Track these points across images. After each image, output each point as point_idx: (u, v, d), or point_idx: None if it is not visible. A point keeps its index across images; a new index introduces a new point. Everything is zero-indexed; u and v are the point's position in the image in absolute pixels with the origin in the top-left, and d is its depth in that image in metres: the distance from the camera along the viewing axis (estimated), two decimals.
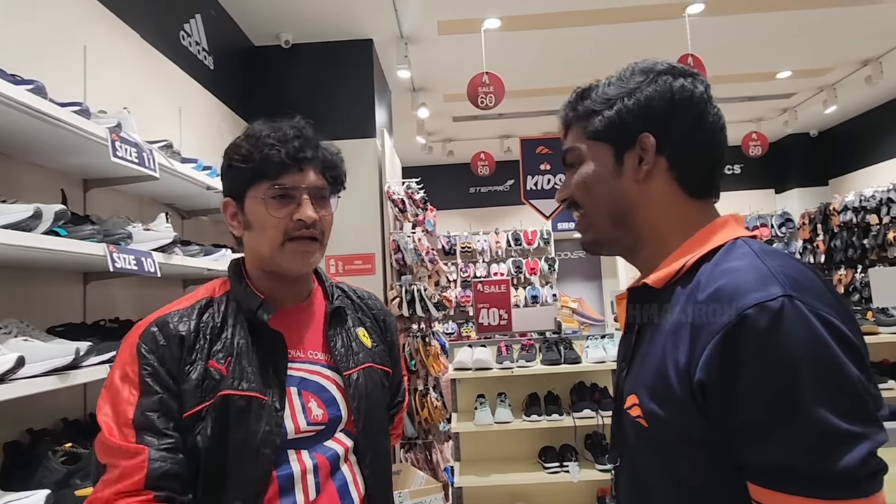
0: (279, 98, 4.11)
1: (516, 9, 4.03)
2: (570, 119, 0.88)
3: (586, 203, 0.85)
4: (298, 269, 1.07)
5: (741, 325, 0.63)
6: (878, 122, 6.76)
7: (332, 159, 1.10)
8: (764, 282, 0.65)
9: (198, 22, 3.21)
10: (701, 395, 0.66)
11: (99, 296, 2.07)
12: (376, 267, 3.96)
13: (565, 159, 0.89)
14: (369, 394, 1.11)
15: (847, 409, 0.60)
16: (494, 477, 3.03)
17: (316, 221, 1.04)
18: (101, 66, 2.19)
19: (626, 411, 0.78)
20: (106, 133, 1.60)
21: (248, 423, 0.97)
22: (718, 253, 0.74)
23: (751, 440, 0.63)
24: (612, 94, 0.83)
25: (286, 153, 1.02)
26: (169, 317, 1.02)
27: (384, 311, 1.27)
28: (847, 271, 6.60)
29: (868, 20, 4.45)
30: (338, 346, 1.11)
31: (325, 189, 1.08)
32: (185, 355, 0.98)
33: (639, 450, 0.77)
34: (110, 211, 2.04)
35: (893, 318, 3.22)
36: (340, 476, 1.05)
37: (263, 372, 1.01)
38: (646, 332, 0.80)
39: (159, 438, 0.92)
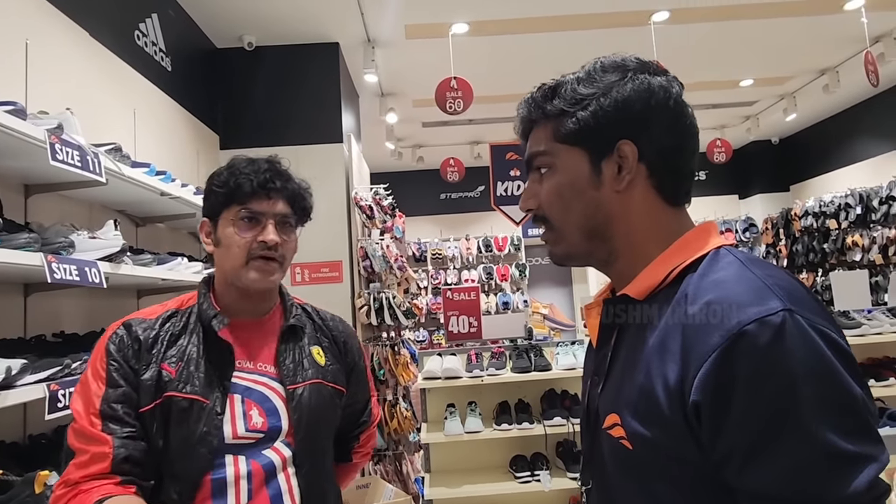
0: (242, 101, 4.01)
1: (484, 14, 4.02)
2: (534, 118, 0.80)
3: (558, 214, 0.78)
4: (258, 285, 1.16)
5: (740, 342, 0.59)
6: (835, 129, 6.98)
7: (301, 193, 1.23)
8: (761, 294, 0.61)
9: (154, 22, 3.09)
10: (695, 416, 0.61)
11: (42, 308, 1.95)
12: (344, 275, 3.88)
13: (531, 164, 0.81)
14: (313, 408, 1.16)
15: (852, 430, 0.57)
16: (465, 488, 2.97)
17: (278, 245, 1.16)
18: (44, 65, 2.07)
19: (604, 431, 0.72)
20: (44, 135, 1.49)
21: (189, 423, 1.07)
22: (703, 262, 0.70)
23: (750, 464, 0.58)
24: (586, 94, 0.75)
25: (257, 182, 1.15)
26: (134, 321, 1.14)
27: (346, 334, 1.34)
28: (808, 275, 6.77)
29: (825, 30, 4.58)
30: (287, 361, 1.18)
31: (291, 217, 1.21)
32: (144, 356, 1.10)
33: (619, 472, 0.71)
34: (55, 218, 1.92)
35: (854, 322, 3.28)
36: (275, 485, 1.11)
37: (210, 378, 1.11)
38: (623, 346, 0.75)
39: (122, 427, 1.04)
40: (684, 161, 0.77)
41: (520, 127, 0.83)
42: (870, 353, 3.33)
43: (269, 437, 1.12)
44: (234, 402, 1.11)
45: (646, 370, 0.67)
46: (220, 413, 1.08)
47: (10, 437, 1.69)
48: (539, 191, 0.79)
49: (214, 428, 1.07)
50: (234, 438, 1.09)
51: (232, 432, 1.09)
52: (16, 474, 1.34)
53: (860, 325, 3.25)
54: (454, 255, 7.70)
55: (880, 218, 5.71)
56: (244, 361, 1.16)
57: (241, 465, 1.08)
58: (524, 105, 0.82)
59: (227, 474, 1.07)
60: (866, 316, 3.32)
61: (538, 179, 0.80)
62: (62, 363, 1.51)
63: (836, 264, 6.30)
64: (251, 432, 1.10)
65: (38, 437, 1.74)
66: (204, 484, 1.06)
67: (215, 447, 1.07)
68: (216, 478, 1.06)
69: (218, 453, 1.07)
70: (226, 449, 1.08)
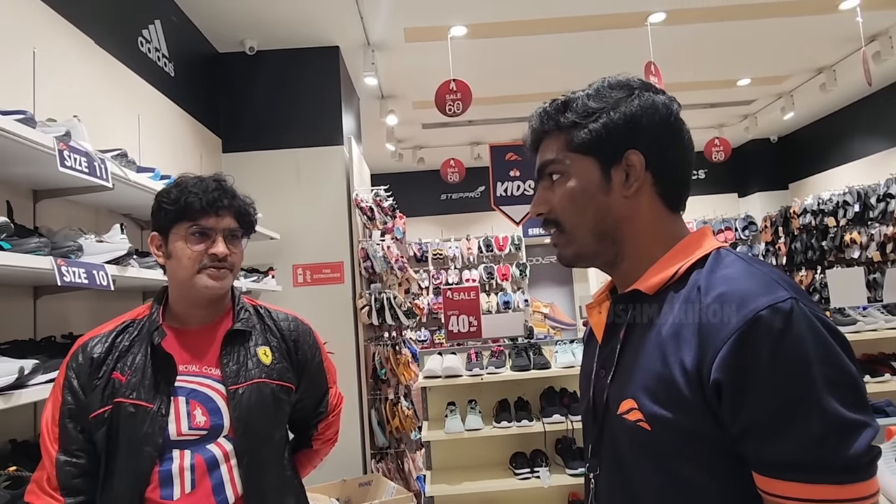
0: (244, 105, 4.06)
1: (482, 17, 4.06)
2: (546, 129, 0.87)
3: (571, 218, 0.84)
4: (210, 291, 1.29)
5: (756, 326, 0.66)
6: (833, 127, 7.01)
7: (246, 209, 1.35)
8: (770, 285, 0.69)
9: (157, 28, 3.15)
10: (716, 395, 0.68)
11: (51, 310, 2.00)
12: (345, 275, 3.92)
13: (543, 172, 0.87)
14: (252, 406, 1.28)
15: (852, 401, 0.65)
16: (466, 485, 3.01)
17: (227, 256, 1.28)
18: (51, 73, 2.13)
19: (618, 417, 0.78)
20: (53, 142, 1.54)
21: (135, 425, 1.21)
22: (708, 261, 0.78)
23: (767, 435, 0.65)
24: (596, 107, 0.82)
25: (206, 201, 1.27)
26: (91, 340, 1.28)
27: (296, 332, 1.43)
28: (807, 272, 6.80)
29: (821, 29, 4.61)
30: (230, 363, 1.29)
31: (238, 231, 1.33)
32: (95, 371, 1.24)
33: (635, 455, 0.77)
34: (63, 222, 1.97)
35: (850, 318, 3.31)
36: (217, 475, 1.23)
37: (155, 384, 1.24)
38: (633, 337, 0.81)
39: (69, 443, 1.21)
40: (683, 171, 0.85)
41: (530, 138, 0.90)
42: (865, 349, 3.36)
43: (212, 433, 1.24)
44: (179, 403, 1.24)
45: (662, 356, 0.74)
46: (164, 415, 1.22)
47: (22, 436, 1.74)
48: (550, 196, 0.86)
49: (159, 428, 1.21)
50: (179, 436, 1.22)
51: (176, 430, 1.22)
52: (29, 470, 1.39)
53: (856, 321, 3.28)
54: (455, 255, 7.74)
55: (878, 215, 5.74)
56: (190, 366, 1.28)
57: (186, 458, 1.22)
58: (536, 118, 0.88)
59: (173, 467, 1.21)
60: (861, 313, 3.36)
61: (549, 186, 0.86)
62: None
63: (835, 262, 6.33)
64: (194, 430, 1.24)
65: None
66: (153, 475, 1.20)
67: (160, 444, 1.21)
68: (163, 469, 1.20)
69: (165, 449, 1.21)
70: (172, 445, 1.22)
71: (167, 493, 1.20)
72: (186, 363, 1.28)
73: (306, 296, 3.86)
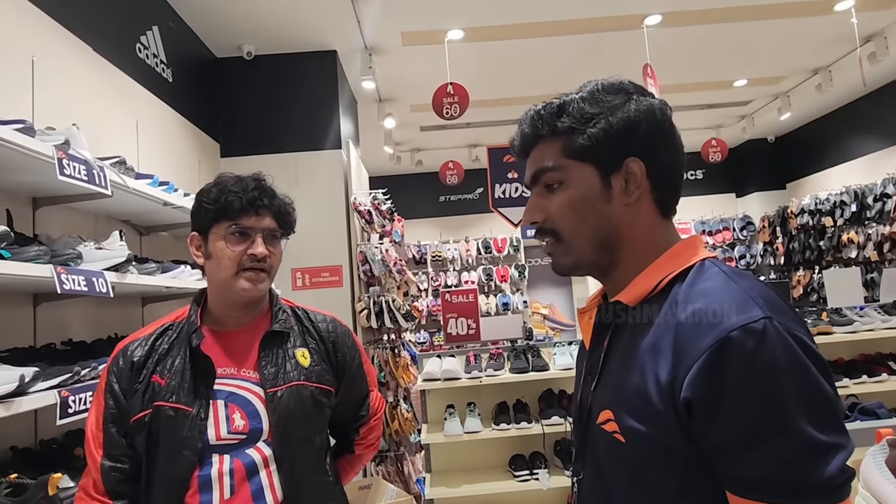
0: (242, 110, 4.07)
1: (479, 20, 4.07)
2: (541, 134, 0.83)
3: (570, 228, 0.81)
4: (248, 294, 1.27)
5: (727, 346, 0.65)
6: (830, 127, 7.03)
7: (286, 208, 1.34)
8: (745, 303, 0.68)
9: (155, 34, 3.16)
10: (686, 411, 0.67)
11: (50, 317, 2.01)
12: (344, 279, 3.93)
13: (537, 179, 0.84)
14: (292, 409, 1.25)
15: (824, 422, 0.63)
16: (465, 487, 3.02)
17: (266, 257, 1.27)
18: (50, 80, 2.14)
19: (598, 426, 0.78)
20: (52, 151, 1.55)
21: (175, 429, 1.19)
22: (690, 273, 0.77)
23: (737, 454, 0.64)
24: (594, 112, 0.80)
25: (246, 200, 1.26)
26: (130, 344, 1.28)
27: (335, 333, 1.41)
28: (805, 272, 6.81)
29: (817, 30, 4.63)
30: (268, 366, 1.27)
31: (277, 231, 1.31)
32: (136, 375, 1.24)
33: (611, 464, 0.77)
34: (62, 229, 1.98)
35: (847, 318, 3.33)
36: (257, 481, 1.21)
37: (194, 387, 1.22)
38: (616, 347, 0.81)
39: (113, 448, 1.21)
40: (677, 176, 0.84)
41: (520, 142, 0.86)
42: (862, 349, 3.38)
43: (251, 437, 1.22)
44: (218, 407, 1.22)
45: (639, 369, 0.73)
46: (203, 418, 1.20)
47: (23, 443, 1.74)
48: (545, 205, 0.83)
49: (198, 432, 1.19)
50: (218, 440, 1.21)
51: (215, 434, 1.21)
52: (30, 477, 1.40)
53: (852, 321, 3.30)
54: (454, 257, 7.75)
55: (875, 215, 5.76)
56: (229, 368, 1.26)
57: (225, 463, 1.20)
58: (528, 122, 0.84)
59: (212, 472, 1.19)
60: (858, 313, 3.37)
61: (543, 194, 0.84)
62: (72, 370, 1.57)
63: (832, 261, 6.35)
64: (233, 434, 1.22)
65: (49, 442, 1.80)
66: (192, 481, 1.18)
67: (199, 449, 1.19)
68: (202, 474, 1.19)
69: (205, 453, 1.19)
70: (212, 449, 1.20)
71: (206, 498, 1.18)
72: (225, 366, 1.26)
73: (305, 299, 3.84)
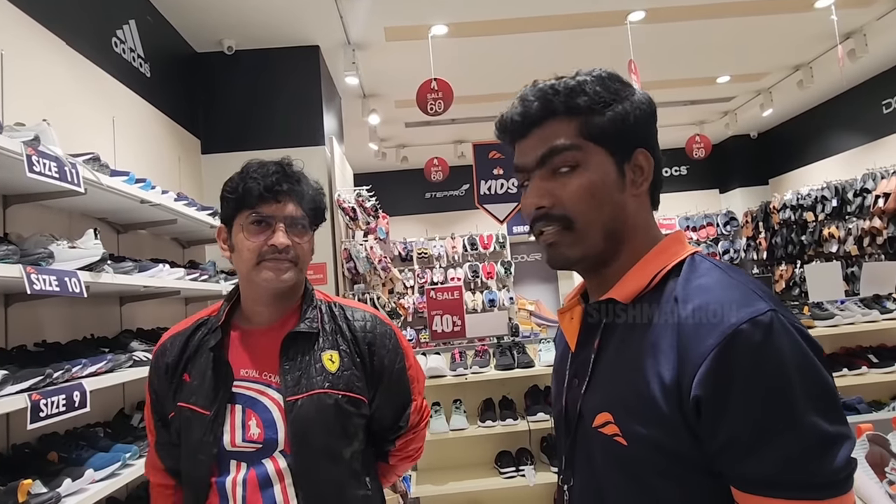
0: (223, 106, 4.01)
1: (462, 16, 4.05)
2: (555, 111, 0.77)
3: (585, 214, 0.76)
4: (272, 284, 1.16)
5: (737, 339, 0.64)
6: (811, 123, 7.11)
7: (313, 195, 1.22)
8: (748, 297, 0.67)
9: (132, 28, 3.09)
10: (695, 410, 0.65)
11: (23, 318, 1.95)
12: (328, 276, 3.90)
13: (547, 160, 0.77)
14: (311, 420, 1.13)
15: (831, 414, 0.63)
16: (451, 485, 3.01)
17: (289, 247, 1.15)
18: (21, 76, 2.08)
19: (593, 429, 0.75)
20: (21, 147, 1.50)
21: (192, 431, 1.15)
22: (683, 269, 0.75)
23: (748, 451, 0.63)
24: (608, 97, 0.76)
25: (264, 186, 1.15)
26: (168, 340, 1.25)
27: (373, 335, 1.24)
28: (787, 267, 6.90)
29: (798, 27, 4.68)
30: (290, 370, 1.16)
31: (303, 219, 1.19)
32: (171, 374, 1.21)
33: (611, 468, 0.74)
34: (35, 227, 1.92)
35: (828, 312, 3.36)
36: (270, 494, 1.11)
37: (214, 389, 1.15)
38: (610, 347, 0.77)
39: (159, 436, 1.24)
40: (661, 170, 0.83)
41: (520, 119, 0.79)
42: (843, 342, 3.42)
43: (266, 447, 1.12)
44: (236, 412, 1.14)
45: (639, 369, 0.71)
46: (220, 423, 1.13)
47: None
48: (554, 188, 0.77)
49: (213, 437, 1.12)
50: (233, 447, 1.13)
51: (231, 441, 1.13)
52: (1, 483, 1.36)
53: (833, 315, 3.33)
54: (440, 254, 7.73)
55: (855, 210, 5.84)
56: (251, 371, 1.17)
57: (241, 472, 1.12)
58: (536, 97, 0.78)
59: (227, 480, 1.12)
60: (839, 307, 3.41)
61: (551, 177, 0.77)
62: (44, 373, 1.53)
63: (814, 256, 6.43)
64: (248, 443, 1.12)
65: (21, 447, 1.75)
66: (212, 486, 1.13)
67: (215, 454, 1.12)
68: (219, 480, 1.12)
69: (222, 459, 1.13)
70: (229, 455, 1.13)
71: None
72: (247, 367, 1.17)
73: None
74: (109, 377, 1.84)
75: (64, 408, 1.53)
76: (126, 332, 2.34)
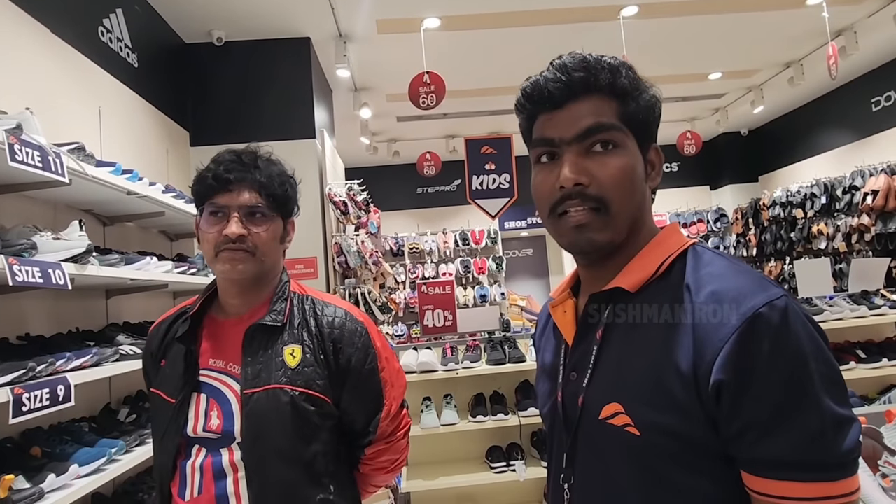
0: (212, 97, 3.96)
1: (455, 9, 4.02)
2: (599, 87, 0.74)
3: (621, 198, 0.73)
4: (229, 275, 1.15)
5: (757, 323, 0.64)
6: (801, 121, 7.15)
7: (270, 182, 1.17)
8: (761, 283, 0.68)
9: (119, 17, 3.04)
10: (715, 396, 0.65)
11: (6, 310, 1.92)
12: (319, 271, 3.87)
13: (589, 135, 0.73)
14: (265, 416, 1.10)
15: (841, 397, 0.65)
16: (442, 479, 3.00)
17: (245, 237, 1.12)
18: (3, 63, 2.03)
19: (601, 421, 0.74)
20: (2, 136, 1.47)
21: (159, 416, 1.19)
22: (688, 258, 0.75)
23: (766, 433, 0.63)
24: (637, 84, 0.76)
25: (214, 175, 1.14)
26: (157, 325, 1.28)
27: (341, 331, 1.19)
28: (777, 263, 6.95)
29: (790, 24, 4.69)
30: (253, 363, 1.14)
31: (259, 207, 1.15)
32: (156, 361, 1.24)
33: (623, 459, 0.72)
34: (19, 219, 1.89)
35: (817, 308, 3.38)
36: (222, 486, 1.11)
37: (182, 377, 1.16)
38: (614, 337, 0.76)
39: None
40: None
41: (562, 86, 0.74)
42: (831, 338, 3.40)
43: (224, 438, 1.12)
44: (200, 401, 1.14)
45: (651, 357, 0.70)
46: (185, 411, 1.14)
47: None
48: (591, 167, 0.73)
49: (176, 424, 1.14)
50: (195, 434, 1.14)
51: (193, 429, 1.14)
52: None
53: (822, 311, 3.36)
54: (431, 249, 7.71)
55: (844, 207, 5.88)
56: (217, 361, 1.16)
57: (200, 457, 1.13)
58: (579, 67, 0.74)
59: (188, 465, 1.13)
60: (828, 302, 3.44)
61: (586, 154, 0.74)
62: (26, 366, 1.50)
63: (803, 252, 6.48)
64: (207, 432, 1.13)
65: (3, 441, 1.72)
66: (176, 469, 1.15)
67: (177, 441, 1.14)
68: (182, 464, 1.14)
69: (189, 444, 1.14)
70: (193, 441, 1.14)
71: (182, 490, 1.12)
72: (216, 357, 1.17)
73: None
74: (95, 371, 1.81)
75: (48, 402, 1.50)
76: (112, 326, 2.31)
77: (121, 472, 1.79)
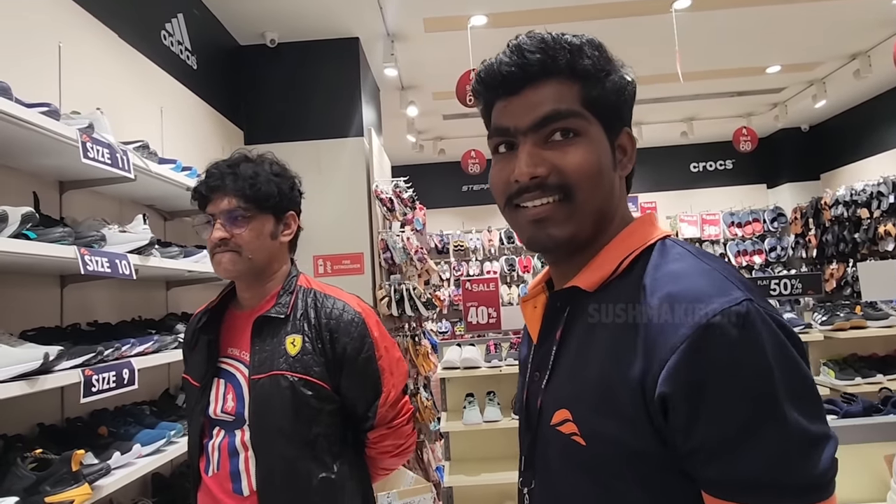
0: (265, 97, 4.09)
1: (502, 6, 4.01)
2: (557, 69, 0.68)
3: (586, 188, 0.68)
4: (224, 275, 1.30)
5: (709, 333, 0.57)
6: (868, 116, 6.77)
7: (252, 183, 1.27)
8: (722, 285, 0.61)
9: (180, 21, 3.18)
10: (661, 410, 0.59)
11: (77, 299, 2.05)
12: (365, 266, 3.94)
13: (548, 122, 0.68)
14: (268, 399, 1.24)
15: (813, 411, 0.58)
16: (484, 476, 3.02)
17: (227, 239, 1.25)
18: (77, 67, 2.17)
19: (551, 428, 0.69)
20: (76, 134, 1.57)
21: (189, 399, 1.37)
22: (653, 253, 0.68)
23: (722, 453, 0.57)
24: (605, 66, 0.70)
25: (196, 189, 1.31)
26: (196, 315, 1.42)
27: (338, 321, 1.30)
28: (838, 265, 6.61)
29: (855, 14, 4.45)
30: (260, 351, 1.28)
31: (238, 210, 1.26)
32: (189, 343, 1.42)
33: (569, 469, 0.68)
34: (88, 213, 2.01)
35: (882, 312, 3.21)
36: (236, 462, 1.26)
37: (205, 363, 1.32)
38: (572, 339, 0.71)
39: None
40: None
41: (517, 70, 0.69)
42: None
43: (238, 420, 1.27)
44: (219, 385, 1.30)
45: (601, 364, 0.65)
46: (207, 394, 1.30)
47: (49, 420, 1.79)
48: (551, 157, 0.68)
49: (200, 407, 1.30)
50: (215, 416, 1.29)
51: (213, 410, 1.29)
52: (54, 453, 1.43)
53: (888, 315, 3.19)
54: (476, 247, 7.73)
55: None
56: (234, 349, 1.33)
57: (219, 437, 1.28)
58: (540, 48, 0.68)
59: (210, 444, 1.29)
60: (894, 307, 3.26)
61: (543, 143, 0.69)
62: (95, 350, 1.60)
63: (868, 254, 6.14)
64: (224, 414, 1.28)
65: (74, 420, 1.84)
66: (203, 447, 1.30)
67: (201, 421, 1.30)
68: (206, 444, 1.30)
69: (212, 425, 1.29)
70: (214, 422, 1.29)
71: (207, 467, 1.28)
72: (233, 346, 1.33)
73: None
74: (156, 357, 1.92)
75: (114, 384, 1.60)
76: (171, 315, 2.42)
77: (178, 454, 1.89)
